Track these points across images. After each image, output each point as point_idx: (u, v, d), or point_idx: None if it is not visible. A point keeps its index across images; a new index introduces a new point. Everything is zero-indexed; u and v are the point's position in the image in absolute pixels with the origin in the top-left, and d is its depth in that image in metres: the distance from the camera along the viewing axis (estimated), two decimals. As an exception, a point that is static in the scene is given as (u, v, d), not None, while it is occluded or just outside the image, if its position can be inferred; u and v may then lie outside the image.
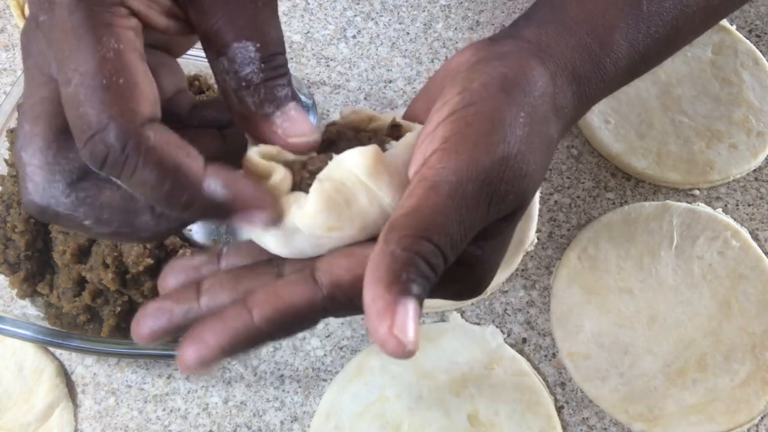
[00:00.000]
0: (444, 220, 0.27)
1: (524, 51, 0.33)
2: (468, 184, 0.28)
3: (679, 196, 0.59)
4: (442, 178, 0.28)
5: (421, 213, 0.27)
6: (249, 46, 0.29)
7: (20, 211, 0.51)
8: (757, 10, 0.67)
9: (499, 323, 0.55)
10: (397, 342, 0.26)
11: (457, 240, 0.28)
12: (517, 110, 0.30)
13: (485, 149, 0.29)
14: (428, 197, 0.27)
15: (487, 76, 0.31)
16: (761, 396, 0.52)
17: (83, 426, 0.53)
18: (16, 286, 0.52)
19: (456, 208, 0.28)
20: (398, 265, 0.26)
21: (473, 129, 0.29)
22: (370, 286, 0.26)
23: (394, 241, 0.26)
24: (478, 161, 0.28)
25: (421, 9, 0.68)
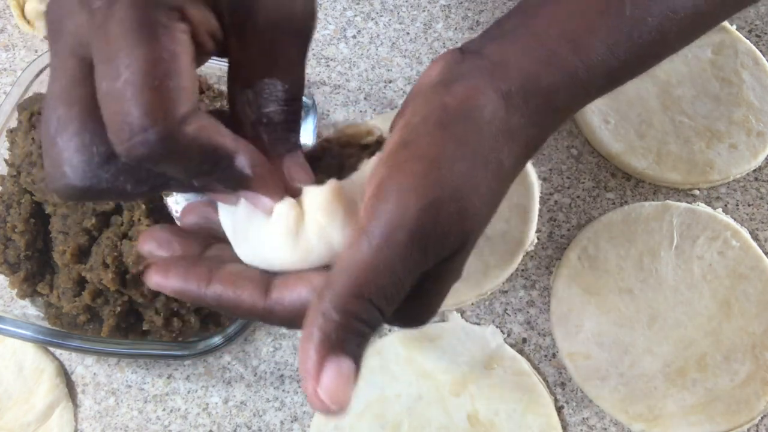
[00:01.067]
0: (375, 274, 0.27)
1: (477, 73, 0.32)
2: (398, 233, 0.27)
3: (679, 196, 0.59)
4: (373, 229, 0.27)
5: (353, 268, 0.27)
6: (278, 86, 0.30)
7: (20, 211, 0.51)
8: (757, 10, 0.67)
9: (499, 323, 0.55)
10: (321, 403, 0.26)
11: (392, 292, 0.27)
12: (455, 146, 0.29)
13: (415, 195, 0.28)
14: (360, 250, 0.27)
15: (429, 109, 0.30)
16: (761, 396, 0.52)
17: (83, 426, 0.53)
18: (16, 286, 0.52)
19: (387, 260, 0.27)
20: (329, 325, 0.26)
21: (404, 173, 0.28)
22: (302, 342, 0.27)
23: (327, 300, 0.27)
24: (407, 208, 0.27)
25: (421, 9, 0.68)
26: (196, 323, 0.51)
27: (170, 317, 0.50)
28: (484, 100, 0.31)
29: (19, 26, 0.68)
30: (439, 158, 0.29)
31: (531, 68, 0.33)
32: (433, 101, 0.31)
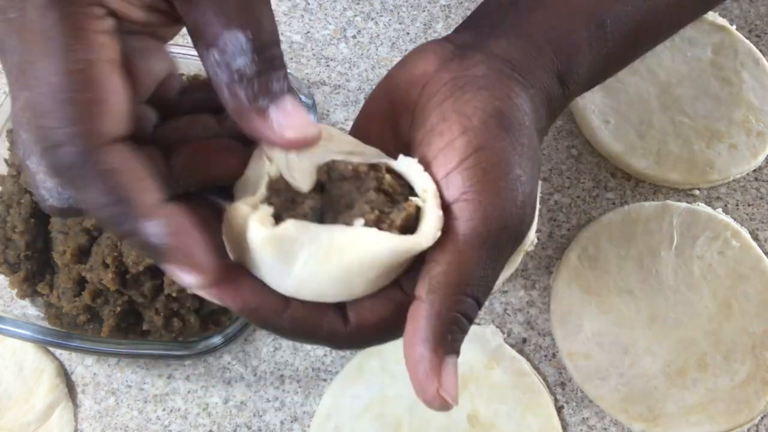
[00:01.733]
0: (481, 272, 0.29)
1: (502, 74, 0.33)
2: (499, 234, 0.29)
3: (679, 196, 0.59)
4: (473, 231, 0.29)
5: (460, 269, 0.28)
6: (240, 36, 0.27)
7: (20, 211, 0.51)
8: (757, 10, 0.67)
9: (499, 323, 0.55)
10: (442, 401, 0.28)
11: (491, 286, 0.29)
12: (521, 148, 0.31)
13: (507, 196, 0.29)
14: (463, 252, 0.28)
15: (483, 113, 0.31)
16: (761, 396, 0.52)
17: (83, 426, 0.53)
18: (16, 286, 0.52)
19: (490, 259, 0.29)
20: (444, 327, 0.28)
21: (491, 176, 0.29)
22: (415, 346, 0.28)
23: (438, 302, 0.28)
24: (504, 209, 0.29)
25: (421, 9, 0.68)
26: (196, 323, 0.51)
27: (170, 317, 0.50)
28: (523, 103, 0.32)
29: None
30: (514, 162, 0.30)
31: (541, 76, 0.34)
32: (482, 103, 0.31)
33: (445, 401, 0.28)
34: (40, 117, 0.25)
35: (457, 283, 0.28)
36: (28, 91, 0.25)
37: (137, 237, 0.26)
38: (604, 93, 0.62)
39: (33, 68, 0.25)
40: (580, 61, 0.35)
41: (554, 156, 0.61)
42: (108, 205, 0.26)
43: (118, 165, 0.25)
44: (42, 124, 0.25)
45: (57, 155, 0.25)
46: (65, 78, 0.25)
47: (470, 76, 0.32)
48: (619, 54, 0.38)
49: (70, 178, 0.25)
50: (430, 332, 0.28)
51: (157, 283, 0.49)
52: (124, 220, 0.26)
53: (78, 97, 0.25)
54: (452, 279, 0.28)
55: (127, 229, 0.26)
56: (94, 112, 0.25)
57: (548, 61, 0.34)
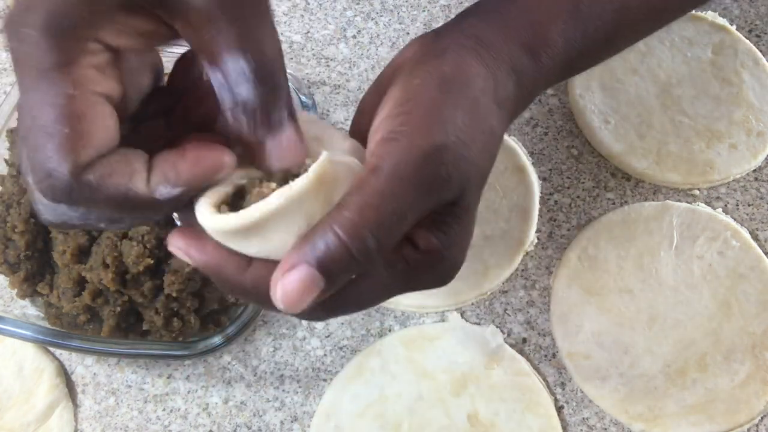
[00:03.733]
0: (382, 203, 0.28)
1: (463, 48, 0.34)
2: (406, 167, 0.29)
3: (679, 196, 0.59)
4: (382, 162, 0.29)
5: (362, 197, 0.28)
6: (241, 61, 0.27)
7: (20, 211, 0.51)
8: (757, 10, 0.67)
9: (499, 323, 0.55)
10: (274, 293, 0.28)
11: (394, 223, 0.29)
12: (454, 104, 0.31)
13: (423, 135, 0.30)
14: (369, 180, 0.29)
15: (427, 74, 0.32)
16: (761, 396, 0.52)
17: (83, 426, 0.53)
18: (16, 286, 0.52)
19: (394, 191, 0.29)
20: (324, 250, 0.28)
21: (412, 118, 0.30)
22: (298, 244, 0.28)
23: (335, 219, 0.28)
24: (416, 145, 0.30)
25: (421, 9, 0.68)
26: (196, 323, 0.51)
27: (170, 317, 0.50)
28: (477, 71, 0.34)
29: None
30: (442, 112, 0.31)
31: (506, 49, 0.35)
32: (430, 68, 0.33)
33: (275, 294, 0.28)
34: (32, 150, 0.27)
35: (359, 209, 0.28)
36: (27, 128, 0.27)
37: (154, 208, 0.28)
38: (604, 93, 0.62)
39: (24, 101, 0.27)
40: (552, 34, 0.37)
41: (554, 156, 0.61)
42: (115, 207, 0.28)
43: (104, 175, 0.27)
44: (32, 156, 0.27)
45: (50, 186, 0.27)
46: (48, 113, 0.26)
47: (434, 50, 0.34)
48: (598, 37, 0.39)
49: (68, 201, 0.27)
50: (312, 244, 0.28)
51: (157, 283, 0.49)
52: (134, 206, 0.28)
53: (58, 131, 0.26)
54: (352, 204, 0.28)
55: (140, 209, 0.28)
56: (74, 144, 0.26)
57: (516, 34, 0.36)
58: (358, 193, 0.28)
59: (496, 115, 0.34)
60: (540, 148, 0.61)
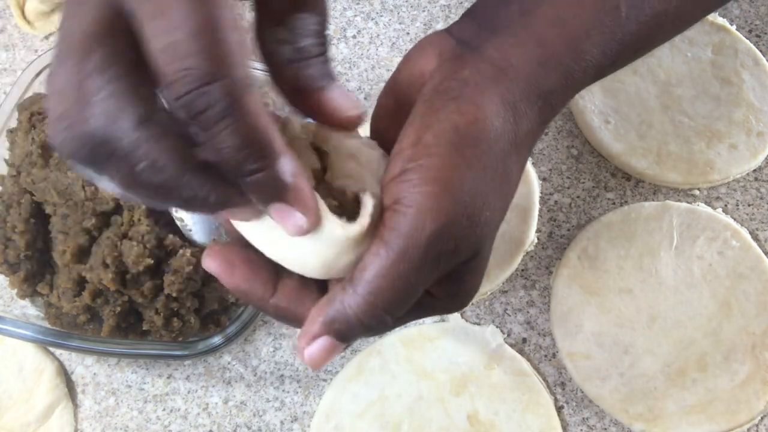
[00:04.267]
0: (391, 284, 0.29)
1: (483, 81, 0.32)
2: (414, 250, 0.29)
3: (679, 196, 0.59)
4: (392, 241, 0.29)
5: (374, 275, 0.29)
6: (312, 19, 0.29)
7: (20, 211, 0.51)
8: (757, 10, 0.67)
9: (499, 323, 0.55)
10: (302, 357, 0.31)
11: (404, 299, 0.30)
12: (467, 167, 0.30)
13: (430, 216, 0.29)
14: (380, 260, 0.29)
15: (440, 127, 0.31)
16: (761, 396, 0.52)
17: (83, 426, 0.53)
18: (16, 286, 0.52)
19: (403, 272, 0.29)
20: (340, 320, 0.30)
21: (421, 194, 0.30)
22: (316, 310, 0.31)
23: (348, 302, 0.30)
24: (423, 228, 0.29)
25: (421, 9, 0.68)
26: (196, 323, 0.51)
27: (170, 317, 0.50)
28: (494, 118, 0.32)
29: (19, 26, 0.68)
30: (453, 180, 0.30)
31: (532, 71, 0.33)
32: (444, 118, 0.31)
33: (303, 358, 0.31)
34: (184, 58, 0.24)
35: (369, 290, 0.29)
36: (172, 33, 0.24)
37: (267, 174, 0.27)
38: (604, 93, 0.62)
39: (173, 11, 0.24)
40: (588, 46, 0.34)
41: (554, 156, 0.61)
42: (245, 146, 0.26)
43: (257, 108, 0.26)
44: (187, 65, 0.24)
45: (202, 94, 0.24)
46: (211, 19, 0.24)
47: (454, 81, 0.32)
48: (635, 40, 0.37)
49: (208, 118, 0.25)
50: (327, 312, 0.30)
51: (157, 283, 0.49)
52: (257, 159, 0.26)
53: (228, 38, 0.25)
54: (365, 285, 0.30)
55: (256, 167, 0.26)
56: (238, 56, 0.25)
57: (549, 52, 0.34)
58: (371, 270, 0.29)
59: (515, 160, 0.33)
60: (540, 148, 0.61)
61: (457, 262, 0.31)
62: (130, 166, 0.26)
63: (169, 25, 0.24)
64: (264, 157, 0.26)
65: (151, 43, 0.25)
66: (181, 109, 0.25)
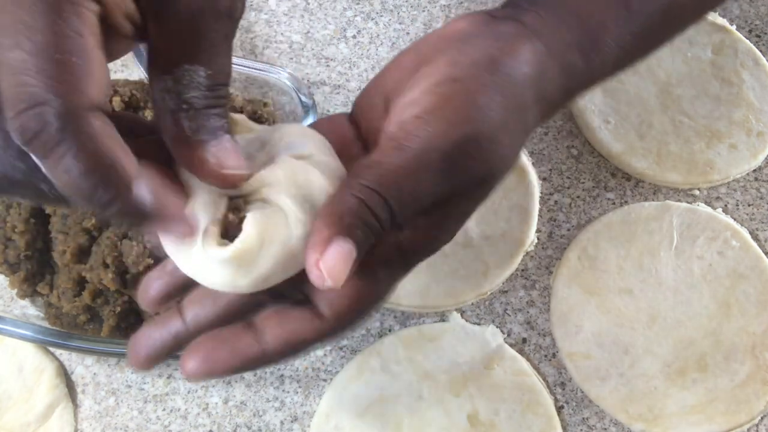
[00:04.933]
0: (400, 179, 0.29)
1: (520, 35, 0.34)
2: (432, 153, 0.30)
3: (679, 196, 0.59)
4: (410, 143, 0.30)
5: (381, 168, 0.29)
6: (200, 72, 0.28)
7: (20, 211, 0.51)
8: (757, 10, 0.67)
9: (499, 323, 0.55)
10: (319, 274, 0.28)
11: (409, 201, 0.30)
12: (496, 94, 0.31)
13: (456, 126, 0.30)
14: (392, 156, 0.30)
15: (478, 54, 0.32)
16: (761, 396, 0.52)
17: (83, 426, 0.53)
18: (16, 286, 0.52)
19: (414, 172, 0.29)
20: (344, 208, 0.29)
21: (451, 104, 0.31)
22: (318, 217, 0.29)
23: (350, 186, 0.29)
24: (446, 134, 0.30)
25: (421, 9, 0.68)
26: (196, 323, 0.51)
27: (170, 317, 0.50)
28: (524, 60, 0.33)
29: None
30: (484, 100, 0.31)
31: (563, 50, 0.35)
32: (482, 48, 0.32)
33: (320, 275, 0.28)
34: (21, 74, 0.24)
35: (372, 177, 0.29)
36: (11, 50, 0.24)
37: (123, 203, 0.26)
38: (604, 93, 0.62)
39: (18, 29, 0.24)
40: (605, 36, 0.36)
41: (554, 156, 0.61)
42: (90, 173, 0.25)
43: (102, 130, 0.25)
44: (24, 82, 0.24)
45: (36, 116, 0.24)
46: (56, 39, 0.24)
47: (491, 32, 0.34)
48: (647, 33, 0.38)
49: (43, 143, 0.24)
50: (332, 210, 0.29)
51: (157, 283, 0.49)
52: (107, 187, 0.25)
53: (67, 60, 0.24)
54: (370, 172, 0.29)
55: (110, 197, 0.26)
56: (82, 77, 0.25)
57: (570, 35, 0.35)
58: (378, 166, 0.29)
59: (532, 111, 0.34)
60: (540, 148, 0.61)
61: (465, 184, 0.31)
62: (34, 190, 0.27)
63: (19, 40, 0.24)
64: (114, 185, 0.25)
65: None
66: (15, 132, 0.24)
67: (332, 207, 0.29)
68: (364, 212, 0.29)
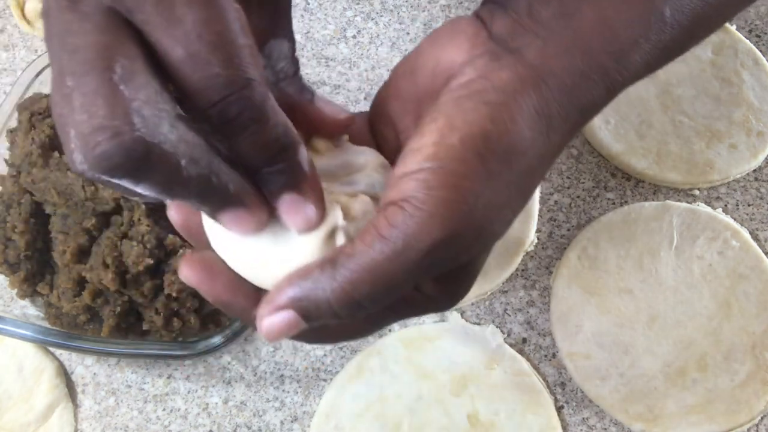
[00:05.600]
0: (375, 279, 0.28)
1: (522, 88, 0.30)
2: (412, 253, 0.28)
3: (679, 196, 0.59)
4: (391, 238, 0.28)
5: (360, 261, 0.28)
6: (285, 43, 0.32)
7: (20, 211, 0.51)
8: (757, 10, 0.67)
9: (499, 323, 0.55)
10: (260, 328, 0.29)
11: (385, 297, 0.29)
12: (489, 179, 0.29)
13: (440, 224, 0.28)
14: (371, 253, 0.28)
15: (469, 131, 0.29)
16: (761, 396, 0.52)
17: (83, 426, 0.53)
18: (16, 286, 0.52)
19: (392, 270, 0.28)
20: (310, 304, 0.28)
21: (434, 199, 0.28)
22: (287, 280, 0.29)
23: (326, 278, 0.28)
24: (429, 233, 0.28)
25: (421, 9, 0.68)
26: (196, 323, 0.51)
27: (170, 317, 0.50)
28: (526, 131, 0.30)
29: (19, 26, 0.68)
30: (472, 191, 0.28)
31: (575, 83, 0.31)
32: (473, 123, 0.29)
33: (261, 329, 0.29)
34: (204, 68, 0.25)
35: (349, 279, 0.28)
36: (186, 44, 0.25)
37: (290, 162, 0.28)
38: (604, 93, 0.62)
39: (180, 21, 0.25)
40: (634, 57, 0.32)
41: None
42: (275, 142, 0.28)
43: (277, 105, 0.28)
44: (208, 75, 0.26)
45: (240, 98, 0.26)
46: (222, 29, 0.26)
47: (488, 82, 0.30)
48: (675, 46, 0.34)
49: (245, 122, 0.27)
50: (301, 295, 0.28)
51: (157, 283, 0.49)
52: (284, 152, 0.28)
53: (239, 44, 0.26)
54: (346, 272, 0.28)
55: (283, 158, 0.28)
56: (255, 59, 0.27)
57: (594, 63, 0.31)
58: (358, 260, 0.28)
59: (538, 174, 0.32)
60: (540, 148, 0.61)
61: (451, 267, 0.30)
62: (173, 166, 0.26)
63: (184, 36, 0.25)
64: (287, 150, 0.28)
65: (169, 55, 0.26)
66: (214, 116, 0.26)
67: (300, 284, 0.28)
68: (326, 312, 0.28)
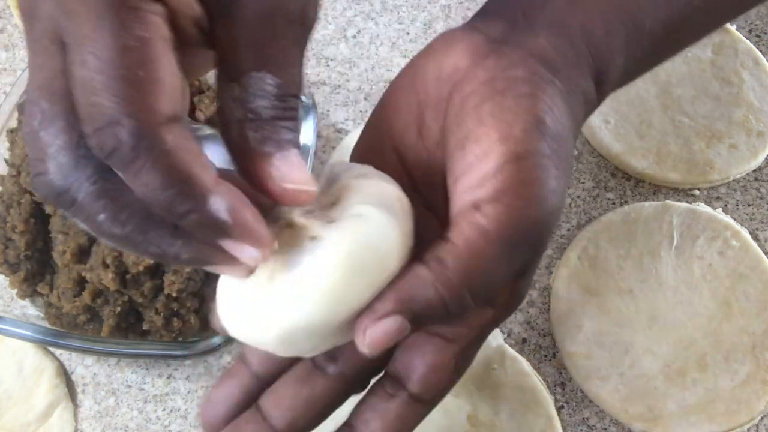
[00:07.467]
0: (482, 266, 0.29)
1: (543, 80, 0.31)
2: (515, 235, 0.29)
3: (679, 196, 0.59)
4: (494, 229, 0.29)
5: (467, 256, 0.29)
6: (267, 79, 0.27)
7: (20, 211, 0.51)
8: (757, 10, 0.67)
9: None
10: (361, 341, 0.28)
11: (487, 286, 0.30)
12: (558, 160, 0.30)
13: (538, 206, 0.29)
14: (477, 243, 0.29)
15: (525, 122, 0.30)
16: (761, 396, 0.52)
17: (83, 426, 0.53)
18: (16, 286, 0.52)
19: (499, 258, 0.29)
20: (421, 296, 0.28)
21: (527, 186, 0.29)
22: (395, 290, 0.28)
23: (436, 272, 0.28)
24: (526, 215, 0.29)
25: (421, 9, 0.68)
26: (196, 323, 0.50)
27: (170, 317, 0.50)
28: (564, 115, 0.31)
29: (19, 26, 0.68)
30: (548, 178, 0.30)
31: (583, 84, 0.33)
32: (525, 111, 0.30)
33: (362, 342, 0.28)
34: (92, 94, 0.24)
35: (458, 269, 0.28)
36: (80, 68, 0.24)
37: (199, 215, 0.25)
38: (604, 93, 0.62)
39: (83, 44, 0.24)
40: (615, 63, 0.34)
41: (554, 156, 0.61)
42: (167, 187, 0.24)
43: (176, 144, 0.25)
44: (94, 102, 0.24)
45: (111, 134, 0.24)
46: (120, 54, 0.24)
47: (510, 79, 0.31)
48: (652, 57, 0.37)
49: (120, 160, 0.24)
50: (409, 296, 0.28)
51: (157, 283, 0.49)
52: (184, 199, 0.25)
53: (134, 75, 0.24)
54: (457, 267, 0.28)
55: (186, 208, 0.25)
56: (151, 91, 0.24)
57: (586, 65, 0.33)
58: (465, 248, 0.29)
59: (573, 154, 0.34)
60: (540, 148, 0.61)
61: (530, 258, 0.31)
62: (89, 218, 0.26)
63: (84, 57, 0.24)
64: (191, 197, 0.25)
65: (70, 74, 0.25)
66: (93, 148, 0.24)
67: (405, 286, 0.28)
68: (439, 310, 0.28)
